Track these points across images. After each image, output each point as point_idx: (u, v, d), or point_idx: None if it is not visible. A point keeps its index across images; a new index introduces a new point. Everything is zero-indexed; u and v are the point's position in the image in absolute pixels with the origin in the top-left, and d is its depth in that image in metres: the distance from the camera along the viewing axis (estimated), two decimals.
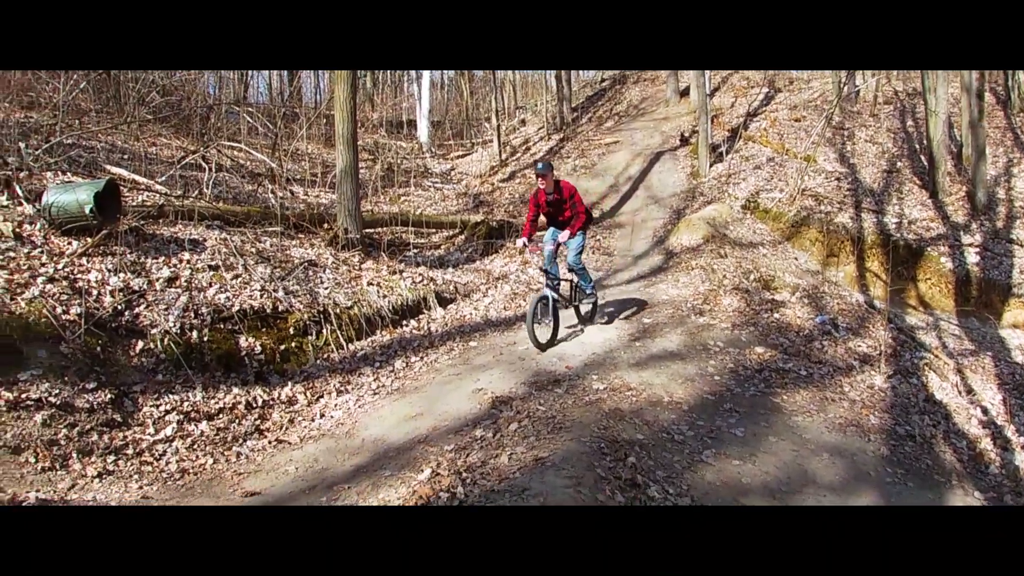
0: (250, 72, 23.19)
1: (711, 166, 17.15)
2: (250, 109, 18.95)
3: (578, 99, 27.04)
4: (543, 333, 8.60)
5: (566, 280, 9.40)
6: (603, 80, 29.40)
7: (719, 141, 18.15)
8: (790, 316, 9.81)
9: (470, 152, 23.85)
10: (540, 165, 8.69)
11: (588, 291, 9.33)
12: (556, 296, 8.85)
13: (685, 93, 23.11)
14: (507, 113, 27.80)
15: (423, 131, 24.60)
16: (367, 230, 11.57)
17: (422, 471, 5.47)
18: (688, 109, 21.77)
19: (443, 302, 10.51)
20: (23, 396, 6.22)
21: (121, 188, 9.25)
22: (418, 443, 6.14)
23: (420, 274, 11.04)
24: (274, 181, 12.90)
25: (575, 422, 6.18)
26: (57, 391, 6.40)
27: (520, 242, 9.11)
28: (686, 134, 19.77)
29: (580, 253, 9.01)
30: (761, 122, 19.15)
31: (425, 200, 16.36)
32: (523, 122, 27.10)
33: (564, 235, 8.72)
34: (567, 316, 9.42)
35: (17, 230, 7.84)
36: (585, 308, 9.63)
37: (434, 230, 13.81)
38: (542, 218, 9.21)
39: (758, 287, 10.73)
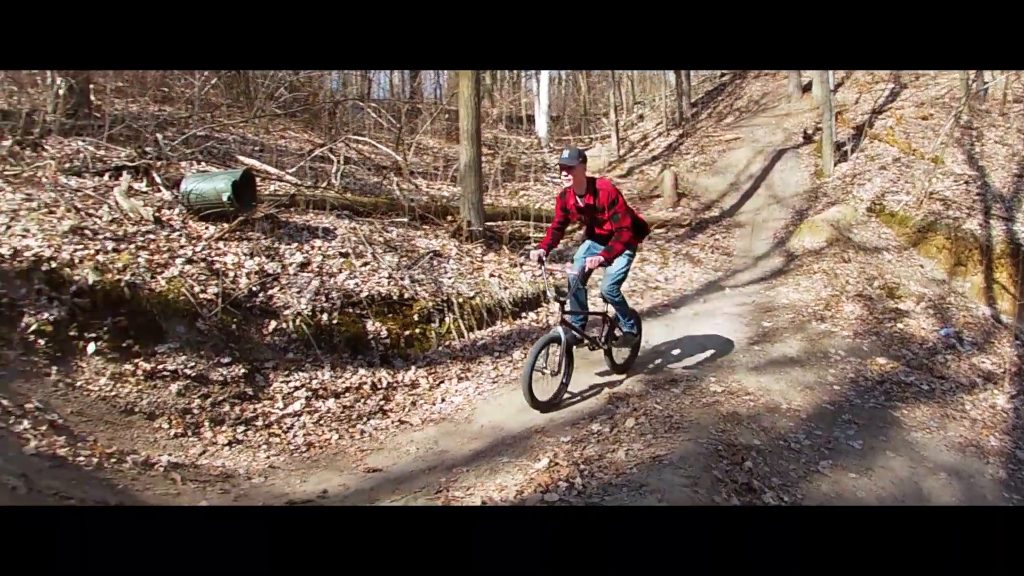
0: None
1: (835, 165, 16.60)
2: (373, 105, 19.54)
3: (697, 94, 26.47)
4: (545, 387, 6.67)
5: (597, 313, 7.53)
6: (723, 74, 28.86)
7: (843, 139, 17.56)
8: (914, 327, 9.52)
9: (588, 147, 23.67)
10: (566, 153, 6.58)
11: (626, 329, 7.35)
12: (575, 336, 6.96)
13: (807, 88, 22.43)
14: (625, 108, 27.60)
15: (541, 126, 24.49)
16: (488, 223, 11.77)
17: (539, 460, 5.59)
18: (811, 105, 21.12)
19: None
20: (160, 367, 6.67)
21: (256, 178, 9.70)
22: (535, 433, 6.26)
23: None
24: (399, 174, 13.25)
25: (692, 423, 6.21)
26: (193, 364, 6.83)
27: (534, 255, 7.00)
28: (809, 131, 19.19)
29: (620, 282, 7.02)
30: (887, 120, 18.40)
31: (544, 195, 16.42)
32: (641, 117, 26.83)
33: (594, 260, 6.60)
34: (592, 361, 7.80)
35: (157, 214, 8.34)
36: (621, 354, 7.65)
37: None
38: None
39: (881, 295, 10.44)
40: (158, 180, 9.14)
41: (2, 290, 6.38)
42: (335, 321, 7.99)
